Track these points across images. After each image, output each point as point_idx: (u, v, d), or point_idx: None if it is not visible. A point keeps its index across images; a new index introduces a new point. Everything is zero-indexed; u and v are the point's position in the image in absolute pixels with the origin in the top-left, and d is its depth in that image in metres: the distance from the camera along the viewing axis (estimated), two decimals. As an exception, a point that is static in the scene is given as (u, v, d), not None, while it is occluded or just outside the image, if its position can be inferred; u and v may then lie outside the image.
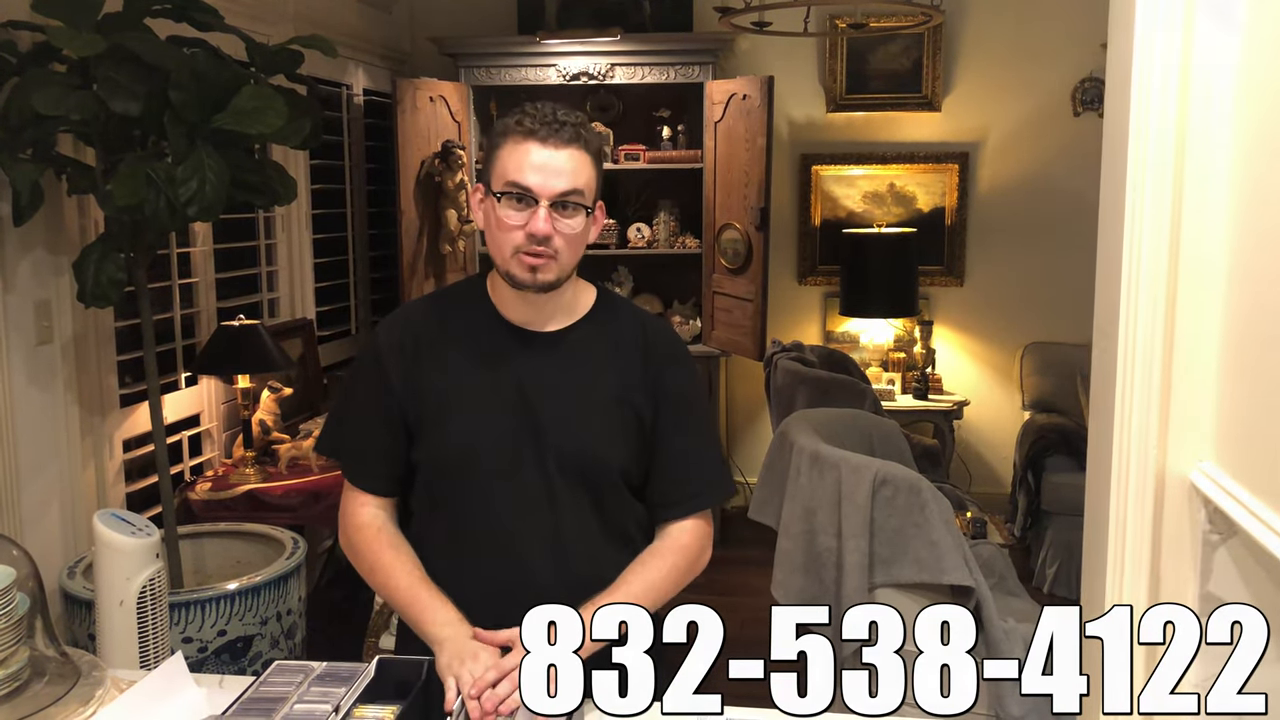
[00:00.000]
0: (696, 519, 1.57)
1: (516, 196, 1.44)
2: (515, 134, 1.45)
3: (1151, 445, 1.20)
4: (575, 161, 1.45)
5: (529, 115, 1.45)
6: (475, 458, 1.51)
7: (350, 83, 4.54)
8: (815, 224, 5.13)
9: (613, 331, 1.56)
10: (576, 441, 1.51)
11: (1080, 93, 4.86)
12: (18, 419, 2.62)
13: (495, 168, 1.47)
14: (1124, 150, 1.20)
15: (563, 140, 1.44)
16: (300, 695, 1.38)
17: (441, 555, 1.55)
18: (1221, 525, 1.14)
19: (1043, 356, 4.90)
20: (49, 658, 1.46)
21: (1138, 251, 1.19)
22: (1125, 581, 1.24)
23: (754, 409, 5.13)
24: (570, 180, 1.44)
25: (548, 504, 1.51)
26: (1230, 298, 1.15)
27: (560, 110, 1.46)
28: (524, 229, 1.43)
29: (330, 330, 4.47)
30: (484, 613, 1.49)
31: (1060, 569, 4.16)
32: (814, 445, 2.81)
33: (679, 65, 4.61)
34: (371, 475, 1.58)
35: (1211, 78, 1.15)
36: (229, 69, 2.49)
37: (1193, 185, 1.17)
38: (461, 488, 1.52)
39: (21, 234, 2.58)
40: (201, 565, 3.05)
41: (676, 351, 1.60)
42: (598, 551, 1.54)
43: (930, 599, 2.59)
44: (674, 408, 1.55)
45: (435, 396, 1.53)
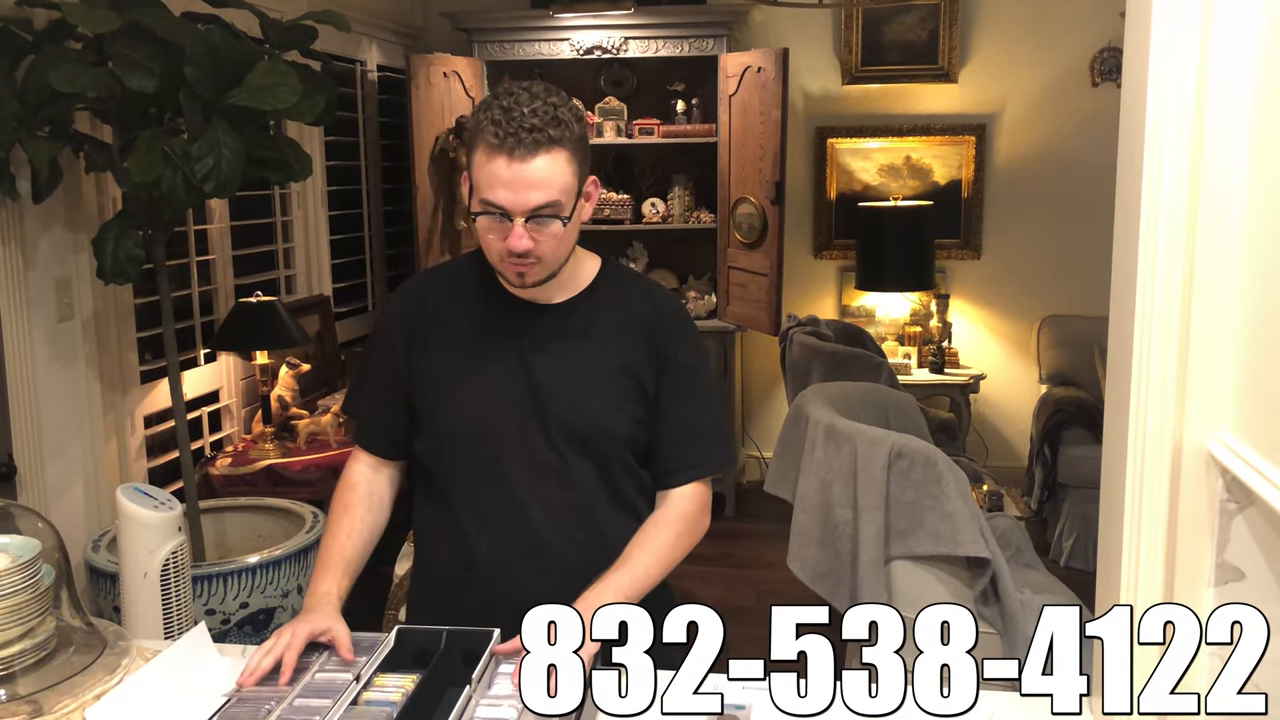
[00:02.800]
0: (696, 485, 1.59)
1: (491, 214, 1.41)
2: (485, 143, 1.39)
3: (1169, 415, 1.20)
4: (548, 169, 1.39)
5: (495, 121, 1.37)
6: (481, 428, 1.53)
7: (364, 59, 4.54)
8: (831, 197, 5.11)
9: (617, 302, 1.57)
10: (580, 412, 1.52)
11: (1099, 63, 4.81)
12: (41, 395, 2.65)
13: (472, 173, 1.44)
14: (1142, 121, 1.20)
15: (532, 150, 1.37)
16: (321, 665, 1.40)
17: (452, 524, 1.58)
18: (1239, 495, 1.14)
19: (1060, 329, 4.88)
20: (75, 628, 1.49)
21: (1155, 222, 1.19)
22: (1141, 552, 1.24)
23: (769, 383, 5.14)
24: (544, 193, 1.39)
25: (555, 474, 1.53)
26: (1249, 267, 1.14)
27: (530, 109, 1.37)
28: (504, 243, 1.42)
29: (347, 306, 4.49)
30: (495, 580, 1.53)
31: (1077, 542, 4.16)
32: (829, 418, 2.81)
33: (693, 38, 4.58)
34: (372, 437, 1.64)
35: (1232, 47, 1.14)
36: (243, 45, 2.49)
37: (1211, 156, 1.16)
38: (470, 458, 1.54)
39: (41, 212, 2.60)
40: (223, 539, 3.09)
41: (680, 320, 1.60)
42: (605, 519, 1.56)
43: (946, 571, 2.60)
44: (677, 376, 1.56)
45: (440, 366, 1.55)
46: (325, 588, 1.50)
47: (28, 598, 1.37)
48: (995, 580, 2.54)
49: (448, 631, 1.44)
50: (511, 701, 1.31)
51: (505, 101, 1.39)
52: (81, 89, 2.28)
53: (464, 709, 1.29)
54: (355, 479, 1.63)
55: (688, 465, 1.58)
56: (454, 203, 4.56)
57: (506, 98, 1.40)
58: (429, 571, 1.67)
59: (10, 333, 2.55)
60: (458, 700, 1.29)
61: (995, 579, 2.54)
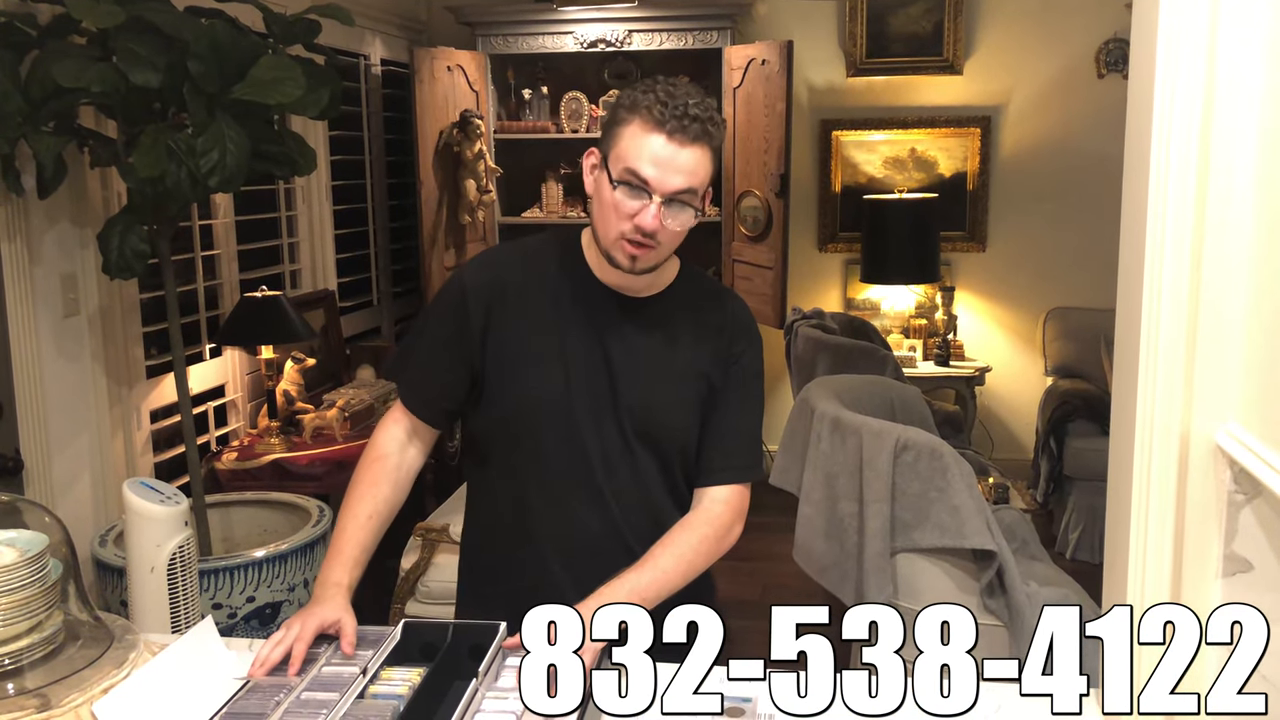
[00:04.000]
0: (734, 489, 1.60)
1: (632, 186, 1.41)
2: (644, 118, 1.40)
3: (1176, 407, 1.20)
4: (696, 160, 1.41)
5: (661, 103, 1.40)
6: (556, 404, 1.53)
7: (368, 53, 4.53)
8: (835, 190, 5.10)
9: (695, 303, 1.59)
10: (648, 406, 1.54)
11: (1104, 54, 4.79)
12: (47, 390, 2.65)
13: (615, 146, 1.44)
14: (1149, 111, 1.19)
15: (689, 137, 1.40)
16: (328, 658, 1.41)
17: (515, 495, 1.59)
18: (1247, 486, 1.14)
19: (1066, 322, 4.87)
20: (83, 622, 1.49)
21: (1162, 212, 1.18)
22: (1149, 544, 1.24)
23: (775, 377, 5.13)
24: (688, 180, 1.41)
25: (622, 459, 1.55)
26: (1257, 257, 1.14)
27: (693, 101, 1.41)
28: (633, 219, 1.42)
29: (352, 301, 4.49)
30: (549, 556, 1.56)
31: (1083, 534, 4.15)
32: (835, 411, 2.81)
33: (697, 30, 4.57)
34: (421, 401, 1.62)
35: (1239, 37, 1.13)
36: (247, 39, 2.48)
37: (1219, 146, 1.15)
38: (540, 432, 1.55)
39: (46, 207, 2.61)
40: (230, 533, 3.10)
41: (751, 328, 1.64)
42: (660, 508, 1.58)
43: (952, 564, 2.59)
44: (739, 382, 1.59)
45: (519, 338, 1.54)
46: (336, 577, 1.50)
47: (35, 592, 1.37)
48: (1001, 573, 2.54)
49: (454, 625, 1.44)
50: (517, 694, 1.31)
51: (663, 89, 1.41)
52: (86, 84, 2.28)
53: (470, 702, 1.29)
54: (387, 448, 1.61)
55: (727, 466, 1.59)
56: (458, 197, 4.55)
57: (665, 91, 1.41)
58: (484, 538, 1.68)
59: (16, 328, 2.55)
60: (464, 693, 1.29)
61: (1001, 572, 2.54)
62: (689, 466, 1.60)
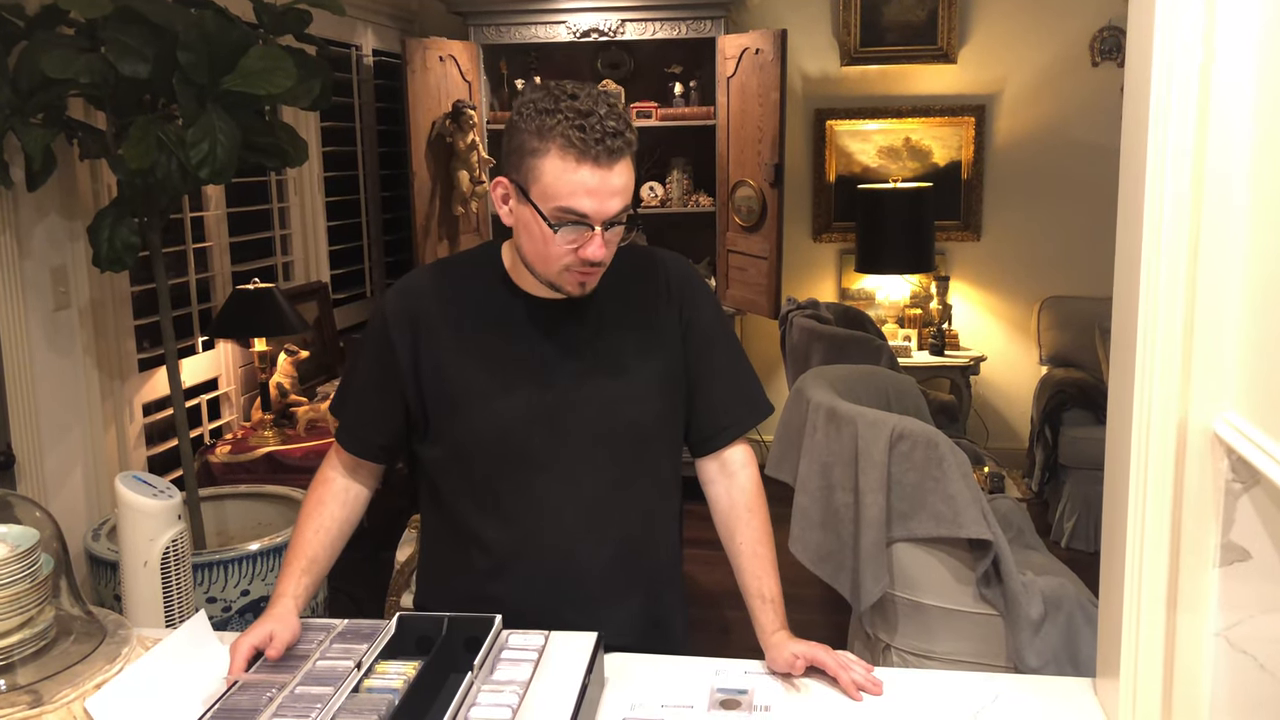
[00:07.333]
0: (742, 443, 1.59)
1: (571, 223, 1.35)
2: (561, 147, 1.32)
3: (1173, 395, 1.19)
4: (626, 175, 1.36)
5: (577, 126, 1.31)
6: (511, 441, 1.47)
7: (359, 43, 4.51)
8: (830, 180, 5.09)
9: (625, 282, 1.51)
10: (608, 407, 1.48)
11: (1099, 42, 4.78)
12: (38, 384, 2.64)
13: (536, 182, 1.35)
14: (1146, 99, 1.18)
15: (615, 157, 1.34)
16: (323, 652, 1.40)
17: (470, 532, 1.53)
18: (1244, 474, 1.13)
19: (1061, 311, 4.87)
20: (75, 617, 1.49)
21: (1159, 200, 1.17)
22: (1146, 533, 1.23)
23: (769, 367, 5.13)
24: (623, 199, 1.36)
25: (588, 466, 1.48)
26: (1254, 245, 1.13)
27: (604, 111, 1.33)
28: (577, 252, 1.37)
29: (345, 293, 4.48)
30: (518, 591, 1.51)
31: (1078, 523, 4.16)
32: (830, 401, 2.81)
33: (690, 20, 4.55)
34: (355, 438, 1.57)
35: (1235, 25, 1.12)
36: (237, 29, 2.47)
37: (1216, 134, 1.15)
38: (494, 466, 1.49)
39: (36, 199, 2.59)
40: (223, 527, 3.09)
41: (691, 280, 1.58)
42: (649, 507, 1.55)
43: (948, 553, 2.59)
44: (703, 340, 1.55)
45: (454, 377, 1.48)
46: (282, 589, 1.48)
47: (26, 587, 1.36)
48: (997, 562, 2.54)
49: (449, 618, 1.43)
50: (513, 688, 1.31)
51: (569, 107, 1.33)
52: (74, 75, 2.26)
53: (466, 695, 1.28)
54: (330, 474, 1.58)
55: (732, 421, 1.58)
56: (451, 188, 4.54)
57: (576, 113, 1.32)
58: (441, 579, 1.61)
59: (7, 322, 2.54)
60: (460, 687, 1.28)
61: (997, 561, 2.54)
62: (664, 448, 1.55)
